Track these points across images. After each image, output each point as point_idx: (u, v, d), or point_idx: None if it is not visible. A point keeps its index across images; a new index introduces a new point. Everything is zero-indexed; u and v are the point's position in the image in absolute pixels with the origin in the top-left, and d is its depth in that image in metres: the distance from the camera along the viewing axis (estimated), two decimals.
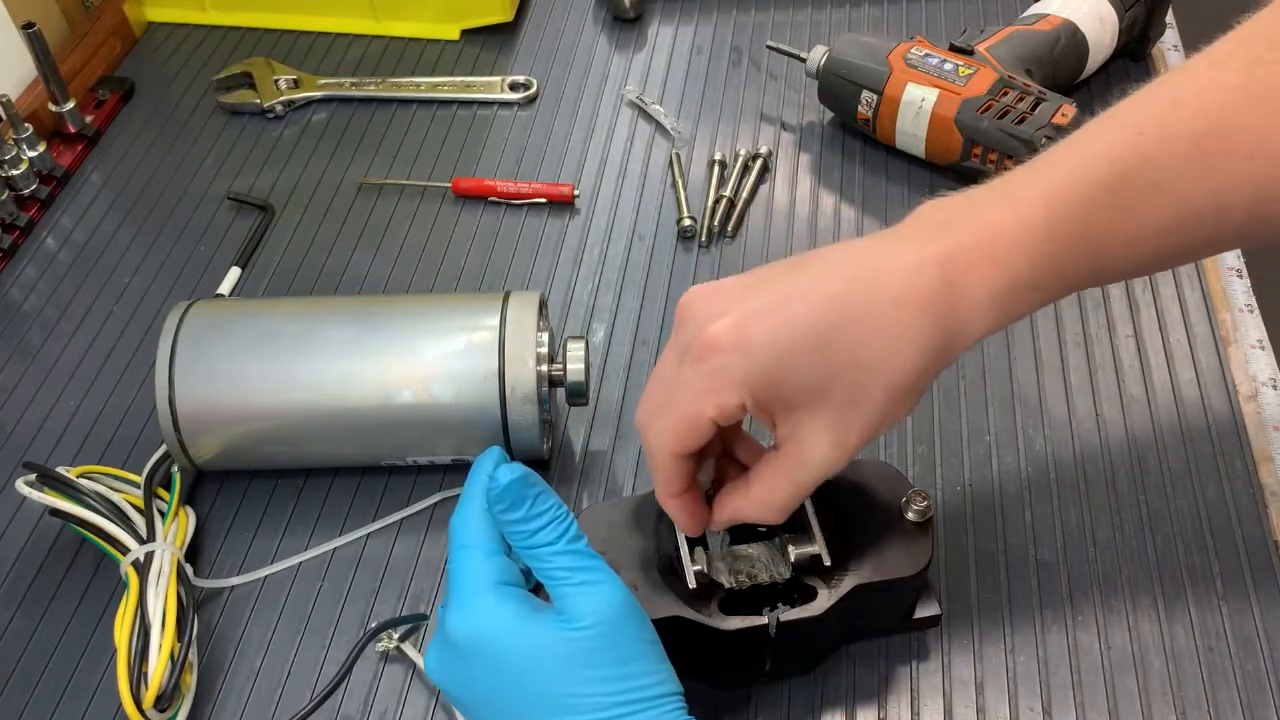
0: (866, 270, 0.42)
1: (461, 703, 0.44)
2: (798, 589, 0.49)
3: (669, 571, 0.48)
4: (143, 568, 0.52)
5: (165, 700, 0.49)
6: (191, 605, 0.53)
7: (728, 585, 0.48)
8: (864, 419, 0.42)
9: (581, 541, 0.43)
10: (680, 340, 0.44)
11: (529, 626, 0.42)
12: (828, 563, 0.48)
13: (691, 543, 0.49)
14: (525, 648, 0.42)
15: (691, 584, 0.48)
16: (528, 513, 0.43)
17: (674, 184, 0.76)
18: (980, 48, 0.75)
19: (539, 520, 0.43)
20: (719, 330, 0.41)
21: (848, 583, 0.48)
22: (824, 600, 0.47)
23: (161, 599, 0.51)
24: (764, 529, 0.52)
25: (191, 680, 0.52)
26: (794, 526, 0.51)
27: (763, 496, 0.45)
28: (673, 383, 0.43)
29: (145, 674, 0.49)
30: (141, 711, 0.48)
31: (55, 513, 0.55)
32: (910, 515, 0.50)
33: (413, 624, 0.54)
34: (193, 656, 0.52)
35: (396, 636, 0.54)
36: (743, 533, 0.51)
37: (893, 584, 0.49)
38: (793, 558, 0.49)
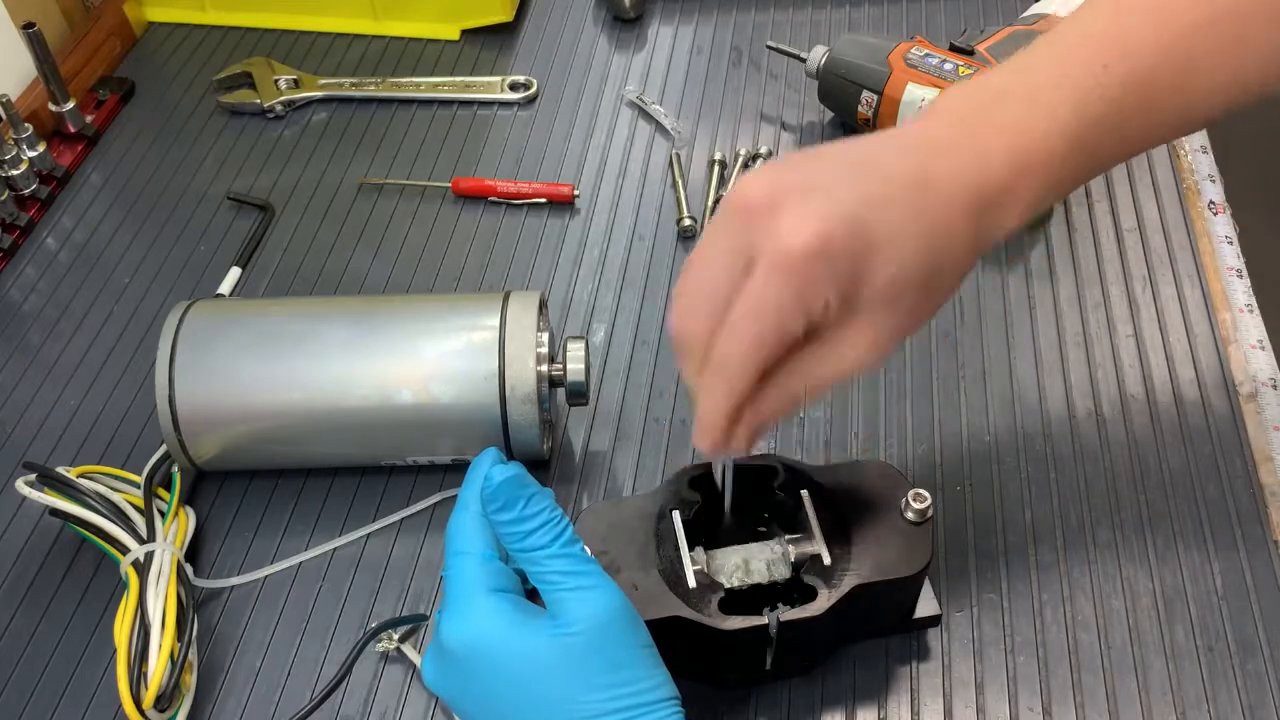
0: (937, 197, 0.41)
1: (459, 709, 0.44)
2: (798, 589, 0.49)
3: (669, 571, 0.48)
4: (143, 568, 0.52)
5: (165, 700, 0.49)
6: (191, 605, 0.53)
7: (728, 585, 0.48)
8: (913, 328, 0.43)
9: (576, 546, 0.43)
10: (748, 242, 0.40)
11: (521, 632, 0.42)
12: (828, 563, 0.48)
13: (691, 543, 0.49)
14: (518, 653, 0.41)
15: (691, 584, 0.48)
16: (521, 513, 0.43)
17: (674, 184, 0.76)
18: (980, 48, 0.75)
19: (532, 522, 0.43)
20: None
21: (848, 583, 0.48)
22: (824, 600, 0.47)
23: (161, 599, 0.51)
24: (763, 529, 0.52)
25: (191, 680, 0.52)
26: (794, 526, 0.51)
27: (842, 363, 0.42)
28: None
29: (145, 674, 0.49)
30: (141, 711, 0.48)
31: (55, 513, 0.55)
32: (910, 515, 0.50)
33: (413, 624, 0.54)
34: (193, 656, 0.52)
35: (396, 637, 0.54)
36: (742, 533, 0.51)
37: (893, 584, 0.49)
38: (793, 558, 0.49)
